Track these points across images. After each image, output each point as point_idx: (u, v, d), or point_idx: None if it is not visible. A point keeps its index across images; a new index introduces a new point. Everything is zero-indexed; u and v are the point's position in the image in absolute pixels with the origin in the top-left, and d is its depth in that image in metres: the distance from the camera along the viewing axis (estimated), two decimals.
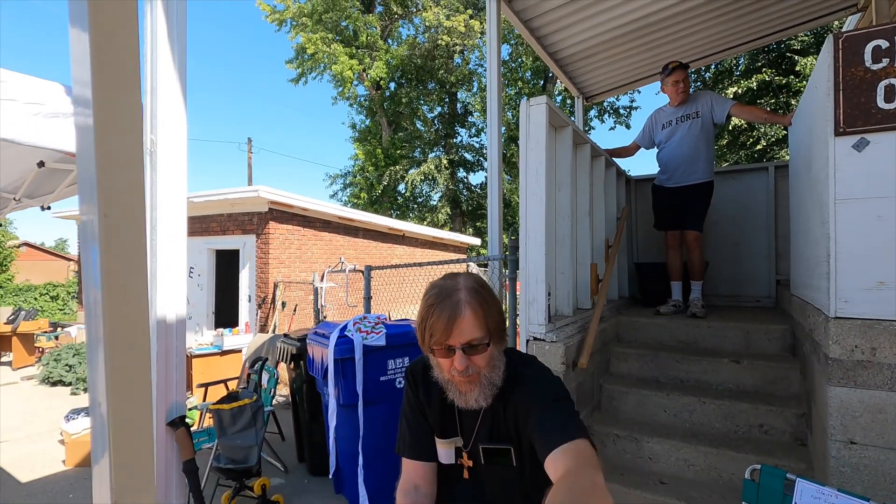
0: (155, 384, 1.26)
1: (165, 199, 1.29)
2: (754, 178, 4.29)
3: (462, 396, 1.10)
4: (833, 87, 1.81)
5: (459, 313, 1.02)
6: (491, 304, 1.08)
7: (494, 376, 1.10)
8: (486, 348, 1.05)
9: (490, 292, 1.11)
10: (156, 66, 1.26)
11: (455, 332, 1.02)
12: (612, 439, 2.75)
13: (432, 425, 1.23)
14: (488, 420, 1.16)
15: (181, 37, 1.30)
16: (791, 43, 12.47)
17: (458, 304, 1.03)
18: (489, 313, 1.06)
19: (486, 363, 1.07)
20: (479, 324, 1.04)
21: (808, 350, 2.34)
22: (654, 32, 4.16)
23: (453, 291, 1.06)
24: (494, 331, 1.08)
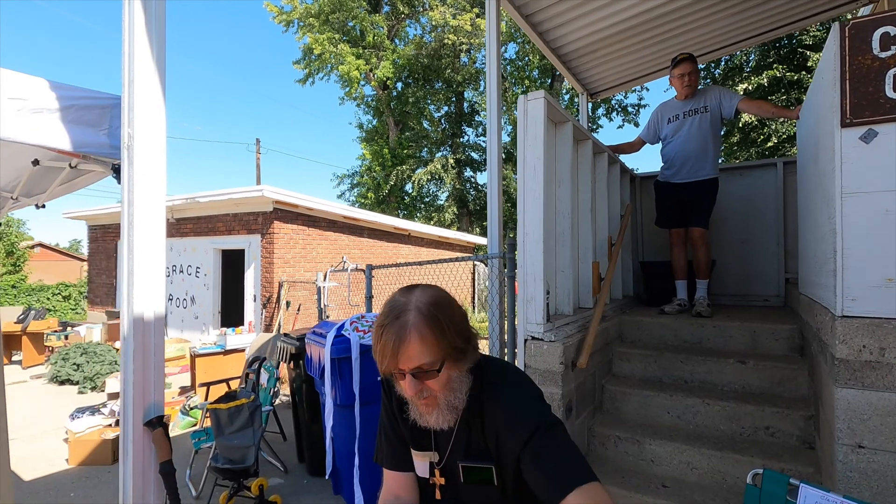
0: (132, 383, 1.23)
1: (143, 195, 1.25)
2: (762, 174, 4.19)
3: (423, 417, 1.05)
4: (839, 77, 1.74)
5: (405, 339, 0.94)
6: (446, 324, 0.98)
7: (454, 399, 1.02)
8: (437, 372, 0.97)
9: (447, 310, 1.01)
10: (133, 59, 1.23)
11: (402, 358, 0.95)
12: (614, 441, 2.69)
13: (406, 436, 1.17)
14: (464, 436, 1.09)
15: (160, 29, 1.27)
16: (803, 38, 12.26)
17: (404, 327, 0.95)
18: (443, 335, 0.96)
19: (440, 387, 0.99)
20: (428, 349, 0.95)
21: (816, 350, 2.27)
22: (658, 26, 4.07)
23: (402, 312, 0.97)
24: (451, 353, 0.98)
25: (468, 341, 1.03)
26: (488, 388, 1.06)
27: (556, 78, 17.55)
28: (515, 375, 1.12)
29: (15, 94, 1.51)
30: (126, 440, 1.24)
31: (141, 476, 1.24)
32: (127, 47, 1.24)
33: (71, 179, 2.21)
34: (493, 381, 1.07)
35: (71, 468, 4.08)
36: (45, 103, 1.56)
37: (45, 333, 8.80)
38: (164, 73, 1.28)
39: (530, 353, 2.46)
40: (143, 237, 1.26)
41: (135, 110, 1.25)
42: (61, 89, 1.60)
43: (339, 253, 9.08)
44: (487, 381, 1.07)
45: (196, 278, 9.14)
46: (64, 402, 6.20)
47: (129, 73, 1.24)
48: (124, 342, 1.25)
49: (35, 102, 1.54)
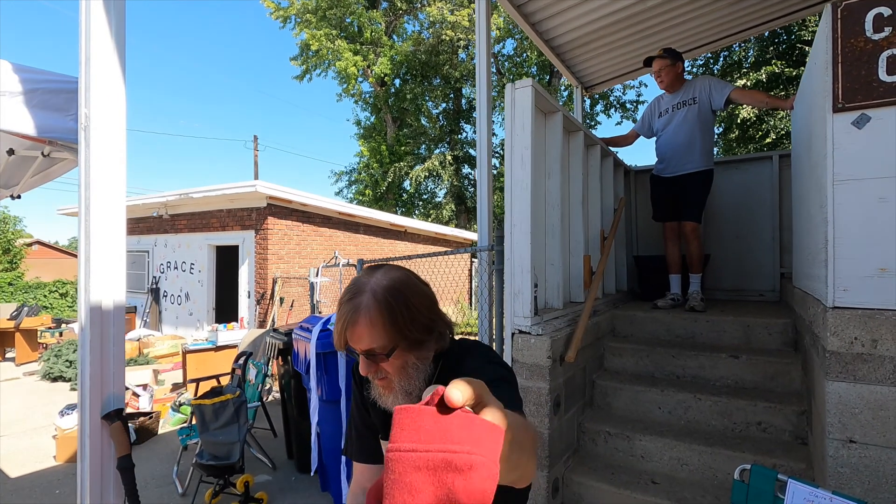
0: (88, 375, 1.18)
1: (100, 177, 1.20)
2: (758, 167, 4.14)
3: (382, 399, 1.00)
4: (831, 60, 1.68)
5: (354, 321, 0.91)
6: (399, 311, 0.93)
7: (409, 385, 0.97)
8: (386, 358, 0.93)
9: (405, 296, 0.95)
10: (90, 36, 1.17)
11: (353, 339, 0.92)
12: (604, 437, 2.64)
13: (377, 424, 1.13)
14: None
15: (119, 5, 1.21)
16: (801, 34, 12.19)
17: (356, 309, 0.91)
18: (394, 323, 0.92)
19: (395, 370, 0.95)
20: (377, 334, 0.91)
21: (809, 343, 2.22)
22: (651, 18, 4.01)
23: (359, 292, 0.94)
24: (403, 339, 0.93)
25: (428, 331, 0.98)
26: (450, 367, 1.02)
27: (554, 74, 17.47)
28: (481, 349, 1.07)
29: None
30: (83, 434, 1.19)
31: (99, 472, 1.19)
32: (84, 23, 1.19)
33: (45, 169, 2.16)
34: (455, 359, 1.03)
35: (58, 465, 4.03)
36: (6, 86, 1.51)
37: (38, 330, 8.75)
38: (123, 51, 1.22)
39: (517, 347, 2.41)
40: (100, 222, 1.20)
41: (91, 90, 1.19)
42: (25, 72, 1.54)
43: (334, 249, 9.03)
44: (449, 362, 1.03)
45: (190, 275, 9.09)
46: (56, 398, 6.15)
47: (86, 51, 1.19)
48: (81, 332, 1.20)
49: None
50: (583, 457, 2.66)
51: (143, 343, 7.64)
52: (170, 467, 3.71)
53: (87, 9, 1.18)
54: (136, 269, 10.43)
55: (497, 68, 18.80)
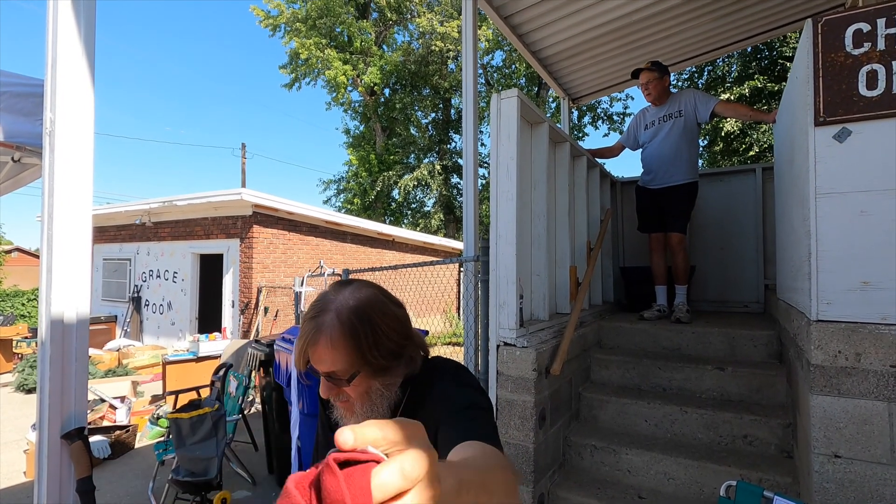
0: (48, 391, 1.12)
1: (65, 184, 1.15)
2: (741, 180, 4.18)
3: (343, 420, 0.94)
4: (812, 74, 1.69)
5: (315, 340, 0.86)
6: (364, 336, 0.87)
7: (371, 413, 0.90)
8: (348, 382, 0.87)
9: (372, 320, 0.88)
10: (56, 38, 1.13)
11: (314, 358, 0.87)
12: (590, 450, 2.61)
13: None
14: None
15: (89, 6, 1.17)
16: (783, 50, 12.49)
17: (318, 328, 0.86)
18: (357, 348, 0.86)
19: (357, 395, 0.89)
20: (338, 357, 0.85)
21: (793, 356, 2.22)
22: (637, 31, 4.06)
23: (323, 311, 0.88)
24: (369, 364, 0.87)
25: (395, 357, 0.91)
26: (419, 394, 0.95)
27: (542, 85, 17.65)
28: (453, 368, 1.01)
29: None
30: (41, 454, 1.12)
31: (57, 494, 1.12)
32: (51, 24, 1.14)
33: (16, 174, 2.08)
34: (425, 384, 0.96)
35: (28, 481, 3.88)
36: None
37: (14, 340, 8.50)
38: (92, 54, 1.17)
39: (502, 360, 2.38)
40: (64, 231, 1.14)
41: (58, 94, 1.14)
42: None
43: (320, 258, 8.94)
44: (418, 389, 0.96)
45: (173, 283, 8.92)
46: (29, 411, 5.96)
47: (53, 52, 1.14)
48: (41, 346, 1.13)
49: None
50: (569, 471, 2.61)
51: (122, 353, 7.46)
52: (145, 483, 3.58)
53: (54, 9, 1.14)
54: (117, 277, 10.22)
55: (486, 79, 18.95)
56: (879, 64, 1.58)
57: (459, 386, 0.94)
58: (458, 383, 0.96)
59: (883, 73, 1.58)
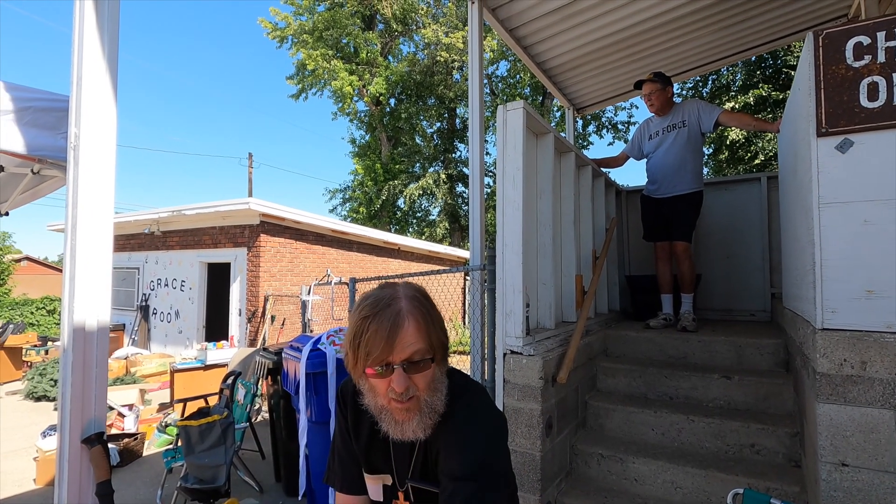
0: (70, 397, 1.15)
1: (88, 195, 1.19)
2: (746, 189, 4.20)
3: (398, 426, 0.93)
4: (814, 86, 1.72)
5: (402, 324, 0.88)
6: (434, 316, 0.94)
7: (436, 402, 0.93)
8: (429, 365, 0.90)
9: (433, 305, 0.96)
10: (82, 56, 1.18)
11: (397, 347, 0.87)
12: (597, 459, 2.61)
13: (359, 456, 1.08)
14: (422, 455, 1.00)
15: (113, 25, 1.22)
16: (787, 59, 12.51)
17: (399, 313, 0.89)
18: (432, 327, 0.92)
19: (426, 385, 0.91)
20: (423, 336, 0.90)
21: (799, 364, 2.22)
22: (641, 42, 4.11)
23: (392, 300, 0.91)
24: (438, 348, 0.93)
25: (448, 341, 0.99)
26: (452, 403, 0.97)
27: (547, 95, 17.75)
28: (480, 394, 1.04)
29: None
30: (62, 458, 1.15)
31: (77, 497, 1.15)
32: (77, 43, 1.19)
33: (34, 186, 2.14)
34: (457, 395, 0.99)
35: (38, 488, 3.91)
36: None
37: (23, 348, 8.59)
38: (115, 72, 1.23)
39: (509, 368, 2.40)
40: (87, 241, 1.19)
41: (82, 109, 1.19)
42: (17, 90, 1.54)
43: (326, 267, 8.99)
44: (453, 394, 0.99)
45: (181, 292, 9.00)
46: (38, 419, 6.01)
47: (78, 70, 1.19)
48: (64, 354, 1.17)
49: None
50: (576, 480, 2.62)
51: (130, 361, 7.51)
52: (154, 491, 3.61)
53: (80, 29, 1.19)
54: (126, 285, 10.32)
55: (491, 89, 19.09)
56: (880, 76, 1.61)
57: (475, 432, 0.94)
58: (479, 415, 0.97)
59: (884, 84, 1.61)
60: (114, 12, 1.21)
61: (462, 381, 1.04)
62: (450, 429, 0.94)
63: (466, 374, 1.10)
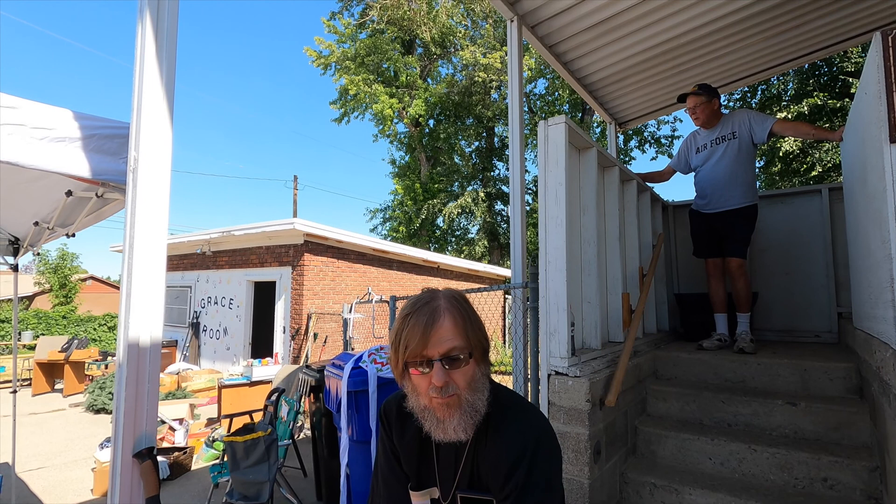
0: (123, 412, 1.19)
1: (145, 217, 1.25)
2: (806, 201, 3.95)
3: (440, 425, 0.95)
4: (885, 89, 1.60)
5: (438, 318, 0.93)
6: (473, 317, 0.99)
7: (477, 401, 0.96)
8: (467, 361, 0.94)
9: (472, 308, 1.01)
10: (142, 86, 1.25)
11: (433, 340, 0.91)
12: (649, 489, 2.46)
13: (407, 473, 1.08)
14: (469, 464, 1.00)
15: (171, 53, 1.30)
16: (844, 65, 11.88)
17: (436, 309, 0.94)
18: (470, 325, 0.96)
19: (466, 382, 0.94)
20: (460, 332, 0.94)
21: (877, 391, 2.03)
22: (685, 54, 4.00)
23: (431, 299, 0.97)
24: (476, 346, 0.97)
25: (488, 344, 1.02)
26: (500, 412, 1.00)
27: (586, 111, 17.58)
28: (525, 403, 1.05)
29: (39, 123, 1.57)
30: (115, 472, 1.19)
31: None
32: (137, 74, 1.27)
33: (98, 209, 2.28)
34: (505, 405, 1.01)
35: (95, 498, 4.08)
36: (67, 132, 1.61)
37: (86, 362, 9.10)
38: (172, 101, 1.30)
39: (554, 390, 2.31)
40: (143, 260, 1.24)
41: (141, 135, 1.26)
42: (83, 119, 1.65)
43: (367, 285, 9.12)
44: (501, 402, 1.01)
45: (229, 310, 9.33)
46: (97, 430, 6.31)
47: (138, 99, 1.26)
48: (119, 369, 1.22)
49: (58, 132, 1.60)
50: None
51: (181, 377, 7.81)
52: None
53: (141, 61, 1.26)
54: (178, 303, 10.81)
55: (529, 107, 19.10)
56: None
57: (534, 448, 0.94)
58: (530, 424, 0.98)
59: None
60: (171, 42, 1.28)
61: (511, 393, 1.07)
62: (504, 439, 0.96)
63: (507, 388, 1.10)
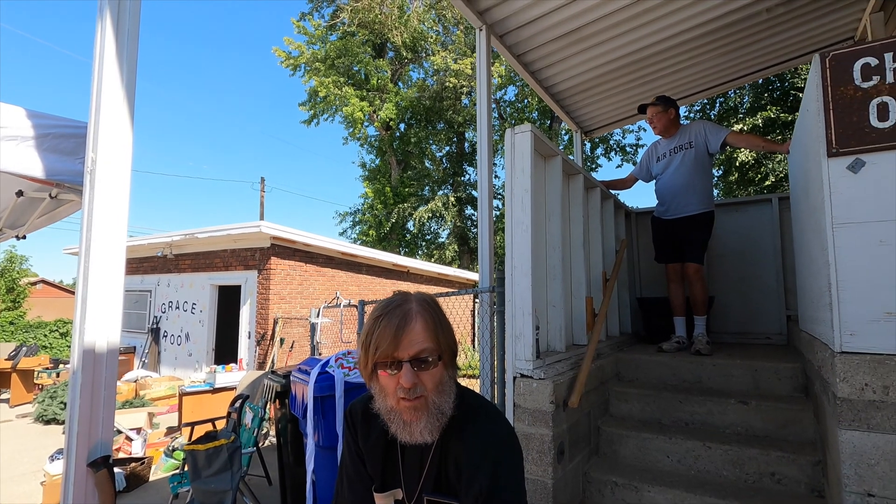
0: (77, 419, 1.15)
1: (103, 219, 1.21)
2: (758, 210, 4.16)
3: (407, 427, 0.96)
4: (823, 108, 1.72)
5: (409, 321, 0.94)
6: (443, 321, 1.01)
7: (443, 403, 0.97)
8: (436, 364, 0.95)
9: (442, 312, 1.03)
10: (101, 85, 1.22)
11: (404, 342, 0.93)
12: (611, 488, 2.53)
13: (372, 475, 1.09)
14: (435, 466, 1.02)
15: (132, 57, 1.27)
16: (795, 81, 12.56)
17: (408, 312, 0.96)
18: (440, 329, 0.98)
19: (434, 385, 0.95)
20: (430, 335, 0.95)
21: (819, 389, 2.16)
22: (648, 66, 4.16)
23: (403, 302, 0.99)
24: (445, 349, 0.99)
25: (457, 348, 1.04)
26: (466, 415, 1.01)
27: (555, 119, 17.94)
28: (490, 406, 1.08)
29: None
30: (67, 482, 1.14)
31: None
32: (97, 74, 1.24)
33: (51, 210, 2.19)
34: (471, 407, 1.03)
35: None
36: (20, 131, 1.56)
37: (35, 371, 8.64)
38: (133, 102, 1.27)
39: (519, 392, 2.36)
40: (100, 263, 1.20)
41: (100, 136, 1.23)
42: (37, 118, 1.59)
43: (336, 289, 9.01)
44: (467, 405, 1.03)
45: (191, 315, 9.05)
46: (47, 442, 6.00)
47: (97, 100, 1.23)
48: (73, 376, 1.18)
49: (10, 130, 1.54)
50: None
51: (139, 384, 7.52)
52: None
53: (100, 58, 1.23)
54: (137, 308, 10.41)
55: (499, 113, 19.35)
56: (889, 96, 1.61)
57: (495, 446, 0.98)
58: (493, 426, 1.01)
59: (893, 104, 1.60)
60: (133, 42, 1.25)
61: (477, 396, 1.10)
62: (469, 443, 0.98)
63: (473, 391, 1.13)
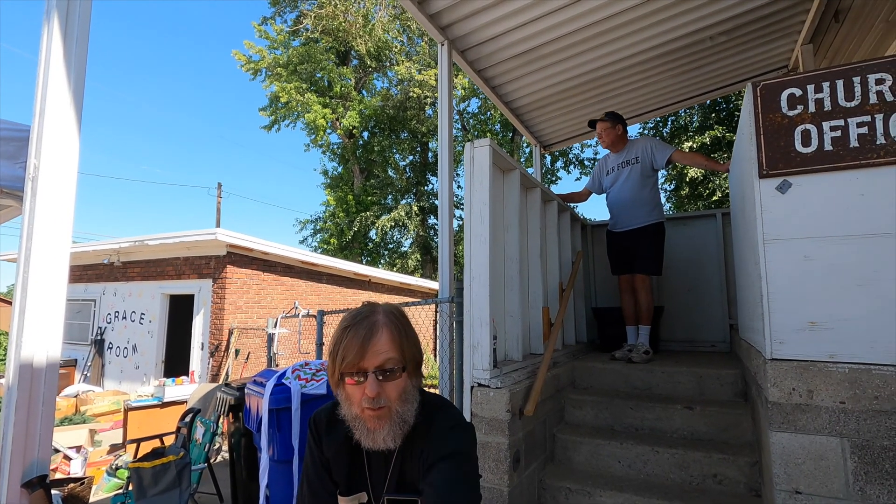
0: (11, 438, 1.09)
1: (45, 225, 1.16)
2: (704, 224, 4.40)
3: (370, 435, 0.99)
4: (755, 132, 1.86)
5: (376, 332, 0.98)
6: (409, 332, 1.04)
7: (406, 412, 1.01)
8: (400, 374, 0.99)
9: (409, 324, 1.07)
10: (46, 88, 1.18)
11: (370, 353, 0.96)
12: (565, 494, 2.59)
13: (337, 481, 1.11)
14: (398, 468, 1.06)
15: (80, 59, 1.23)
16: (738, 103, 13.38)
17: (375, 324, 0.99)
18: (406, 340, 1.02)
19: (397, 394, 0.99)
20: (395, 346, 0.99)
21: (755, 394, 2.30)
22: (604, 85, 4.35)
23: (371, 314, 1.02)
24: (410, 360, 1.02)
25: (421, 359, 1.07)
26: (429, 417, 1.06)
27: (516, 132, 18.32)
28: (452, 408, 1.14)
29: None
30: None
31: None
32: (42, 78, 1.19)
33: None
34: (433, 407, 1.08)
35: None
36: None
37: None
38: (80, 107, 1.23)
39: (476, 401, 2.39)
40: (41, 272, 1.15)
41: (43, 142, 1.18)
42: None
43: (295, 299, 8.82)
44: (429, 409, 1.07)
45: (140, 325, 8.63)
46: None
47: (41, 104, 1.19)
48: (7, 392, 1.12)
49: None
50: None
51: (80, 399, 7.09)
52: None
53: (46, 60, 1.19)
54: (80, 318, 9.83)
55: (462, 125, 19.59)
56: (811, 124, 1.76)
57: (452, 429, 1.05)
58: (451, 425, 1.06)
59: (815, 132, 1.76)
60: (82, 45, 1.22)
61: (438, 397, 1.15)
62: (430, 439, 1.02)
63: (435, 394, 1.19)
